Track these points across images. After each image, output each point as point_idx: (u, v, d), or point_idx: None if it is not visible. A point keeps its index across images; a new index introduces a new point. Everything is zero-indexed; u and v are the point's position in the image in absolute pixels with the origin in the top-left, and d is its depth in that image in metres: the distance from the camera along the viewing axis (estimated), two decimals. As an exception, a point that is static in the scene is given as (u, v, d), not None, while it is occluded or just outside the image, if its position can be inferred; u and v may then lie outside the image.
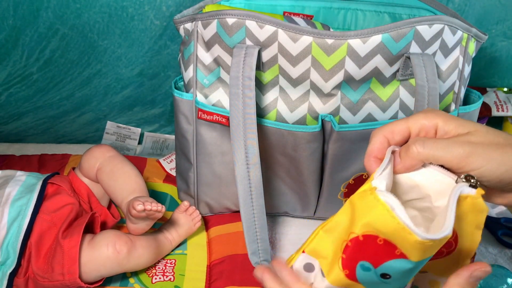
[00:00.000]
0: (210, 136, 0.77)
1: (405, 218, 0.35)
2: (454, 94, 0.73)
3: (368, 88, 0.70)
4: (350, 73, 0.67)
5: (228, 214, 0.86)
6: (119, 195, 0.77)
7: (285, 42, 0.66)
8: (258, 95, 0.72)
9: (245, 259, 0.75)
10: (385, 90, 0.71)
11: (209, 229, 0.84)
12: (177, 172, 0.86)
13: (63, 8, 0.82)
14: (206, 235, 0.83)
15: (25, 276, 0.69)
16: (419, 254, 0.36)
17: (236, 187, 0.69)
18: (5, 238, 0.68)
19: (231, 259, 0.77)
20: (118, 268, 0.70)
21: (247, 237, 0.72)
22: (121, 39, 0.87)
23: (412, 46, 0.66)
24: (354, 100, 0.71)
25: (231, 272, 0.75)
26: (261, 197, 0.70)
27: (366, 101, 0.71)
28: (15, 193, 0.73)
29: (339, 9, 0.81)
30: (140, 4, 0.83)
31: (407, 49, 0.66)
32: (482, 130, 0.42)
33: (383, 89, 0.71)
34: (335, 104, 0.70)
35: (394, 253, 0.36)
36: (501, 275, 0.70)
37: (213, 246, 0.80)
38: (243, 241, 0.72)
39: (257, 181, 0.69)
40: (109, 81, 0.94)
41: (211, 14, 0.68)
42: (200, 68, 0.73)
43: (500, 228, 0.87)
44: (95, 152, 0.81)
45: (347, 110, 0.71)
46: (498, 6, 0.88)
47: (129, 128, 1.04)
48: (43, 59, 0.88)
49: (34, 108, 0.97)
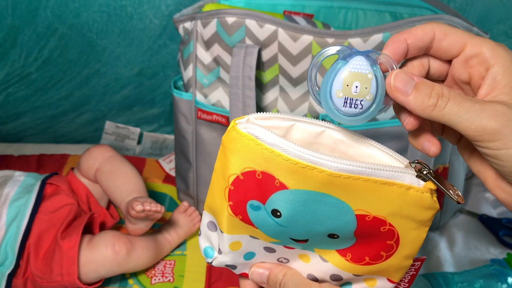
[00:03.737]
0: (210, 136, 0.76)
1: (272, 139, 0.33)
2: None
3: (369, 88, 0.70)
4: (350, 72, 0.67)
5: (228, 215, 0.85)
6: (118, 196, 0.76)
7: (285, 41, 0.66)
8: (258, 94, 0.72)
9: (245, 260, 0.75)
10: (386, 90, 0.70)
11: (209, 230, 0.83)
12: (177, 172, 0.86)
13: (61, 7, 0.82)
14: (206, 236, 0.83)
15: (24, 277, 0.68)
16: (294, 178, 0.33)
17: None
18: (4, 238, 0.68)
19: (231, 260, 0.77)
20: (117, 269, 0.70)
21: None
22: (120, 39, 0.87)
23: (413, 45, 0.66)
24: (355, 100, 0.70)
25: (231, 273, 0.74)
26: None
27: (367, 101, 0.70)
28: (14, 193, 0.73)
29: (340, 8, 0.81)
30: (139, 3, 0.83)
31: (408, 49, 0.66)
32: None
33: (384, 89, 0.70)
34: (336, 104, 0.70)
35: (274, 184, 0.34)
36: (501, 275, 0.70)
37: (213, 247, 0.80)
38: (243, 241, 0.72)
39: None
40: (108, 81, 0.94)
41: (210, 13, 0.68)
42: (199, 67, 0.73)
43: (502, 228, 0.87)
44: (94, 152, 0.81)
45: (347, 110, 0.70)
46: (500, 6, 0.88)
47: (128, 128, 1.04)
48: (42, 58, 0.88)
49: (33, 108, 0.96)
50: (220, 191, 0.36)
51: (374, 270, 0.38)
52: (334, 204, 0.34)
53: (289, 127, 0.37)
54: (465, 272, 0.72)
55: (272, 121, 0.36)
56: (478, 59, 0.35)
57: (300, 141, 0.36)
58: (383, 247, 0.37)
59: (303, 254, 0.40)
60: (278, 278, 0.41)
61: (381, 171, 0.34)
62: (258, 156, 0.34)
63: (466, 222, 0.89)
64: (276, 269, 0.41)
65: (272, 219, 0.35)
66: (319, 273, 0.40)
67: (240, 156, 0.34)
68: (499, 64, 0.34)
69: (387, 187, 0.34)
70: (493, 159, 0.33)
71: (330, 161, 0.33)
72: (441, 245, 0.84)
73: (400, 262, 0.38)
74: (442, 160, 0.77)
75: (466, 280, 0.70)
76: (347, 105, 0.34)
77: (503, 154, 0.32)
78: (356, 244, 0.37)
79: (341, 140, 0.37)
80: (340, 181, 0.33)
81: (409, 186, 0.34)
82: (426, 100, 0.33)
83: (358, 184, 0.34)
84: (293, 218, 0.35)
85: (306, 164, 0.33)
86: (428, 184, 0.35)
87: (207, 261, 0.41)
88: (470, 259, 0.82)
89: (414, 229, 0.36)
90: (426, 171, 0.35)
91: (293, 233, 0.36)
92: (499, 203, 0.94)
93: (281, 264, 0.41)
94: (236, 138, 0.34)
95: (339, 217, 0.35)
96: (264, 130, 0.33)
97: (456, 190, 0.35)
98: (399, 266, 0.38)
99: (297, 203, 0.34)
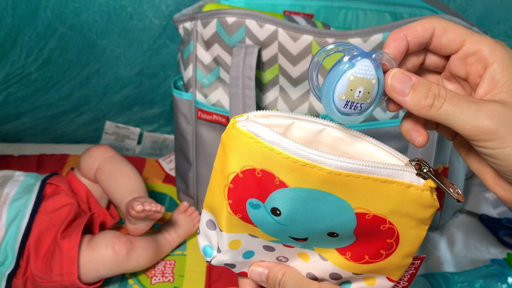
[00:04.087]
0: (210, 136, 0.76)
1: (272, 137, 0.33)
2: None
3: (369, 88, 0.70)
4: (350, 72, 0.67)
5: (228, 215, 0.85)
6: (118, 196, 0.76)
7: (285, 41, 0.66)
8: (258, 94, 0.72)
9: (245, 260, 0.75)
10: (386, 90, 0.70)
11: (209, 230, 0.83)
12: (177, 172, 0.86)
13: (61, 7, 0.82)
14: (206, 236, 0.83)
15: (24, 277, 0.68)
16: (293, 176, 0.33)
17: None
18: (4, 238, 0.68)
19: (231, 260, 0.77)
20: (117, 269, 0.70)
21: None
22: (120, 39, 0.87)
23: (413, 45, 0.66)
24: (355, 100, 0.70)
25: (231, 273, 0.74)
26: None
27: (367, 101, 0.70)
28: (14, 193, 0.73)
29: (340, 8, 0.81)
30: (139, 3, 0.83)
31: (408, 49, 0.66)
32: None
33: (384, 89, 0.70)
34: (336, 104, 0.70)
35: (274, 182, 0.34)
36: (501, 275, 0.70)
37: (213, 247, 0.80)
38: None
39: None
40: (108, 81, 0.94)
41: (210, 13, 0.68)
42: (199, 67, 0.73)
43: (502, 228, 0.87)
44: (94, 152, 0.81)
45: (347, 110, 0.70)
46: (500, 6, 0.88)
47: (128, 128, 1.04)
48: (42, 58, 0.88)
49: (33, 108, 0.96)
50: (220, 190, 0.36)
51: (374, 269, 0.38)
52: (334, 202, 0.34)
53: (288, 125, 0.37)
54: (465, 272, 0.72)
55: (272, 119, 0.36)
56: (476, 57, 0.34)
57: (299, 139, 0.36)
58: (383, 245, 0.37)
59: (303, 253, 0.40)
60: (278, 277, 0.41)
61: (381, 169, 0.34)
62: (258, 154, 0.34)
63: (466, 222, 0.89)
64: (276, 268, 0.41)
65: (272, 218, 0.35)
66: (319, 272, 0.40)
67: (240, 154, 0.34)
68: (498, 62, 0.34)
69: (387, 185, 0.34)
70: (490, 158, 0.33)
71: (330, 159, 0.33)
72: (441, 245, 0.84)
73: (399, 260, 0.38)
74: (442, 160, 0.77)
75: (466, 280, 0.70)
76: (347, 107, 0.34)
77: (499, 153, 0.32)
78: (355, 242, 0.37)
79: (341, 139, 0.37)
80: (340, 179, 0.33)
81: (409, 184, 0.34)
82: (423, 101, 0.33)
83: (358, 182, 0.34)
84: (292, 217, 0.35)
85: (306, 162, 0.33)
86: (428, 182, 0.35)
87: (206, 260, 0.41)
88: (470, 259, 0.82)
89: (414, 227, 0.36)
90: (426, 169, 0.35)
91: (293, 231, 0.36)
92: (499, 203, 0.94)
93: (280, 263, 0.41)
94: (236, 136, 0.34)
95: (339, 215, 0.35)
96: (263, 128, 0.33)
97: (456, 188, 0.35)
98: (399, 265, 0.38)
99: (296, 201, 0.34)
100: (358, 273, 0.39)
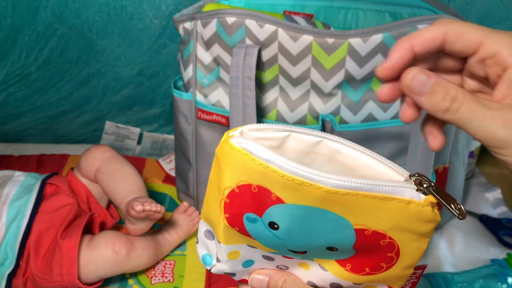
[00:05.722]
0: (210, 136, 0.76)
1: (266, 154, 0.32)
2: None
3: (369, 88, 0.70)
4: (350, 72, 0.67)
5: (228, 215, 0.85)
6: (118, 196, 0.76)
7: (285, 41, 0.66)
8: (258, 94, 0.72)
9: (245, 260, 0.75)
10: (386, 90, 0.70)
11: (209, 230, 0.83)
12: (177, 172, 0.86)
13: (61, 7, 0.82)
14: (206, 236, 0.83)
15: (24, 277, 0.68)
16: (290, 193, 0.32)
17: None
18: (4, 238, 0.68)
19: (231, 260, 0.77)
20: (117, 269, 0.70)
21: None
22: (120, 39, 0.87)
23: (413, 45, 0.66)
24: (355, 100, 0.70)
25: (231, 273, 0.75)
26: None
27: (367, 101, 0.70)
28: (14, 193, 0.73)
29: (340, 8, 0.81)
30: (139, 3, 0.83)
31: (408, 49, 0.66)
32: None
33: (384, 89, 0.70)
34: (336, 104, 0.70)
35: (271, 198, 0.33)
36: (501, 275, 0.70)
37: (213, 247, 0.80)
38: (243, 241, 0.72)
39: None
40: (108, 81, 0.94)
41: (210, 13, 0.68)
42: (199, 67, 0.73)
43: (502, 228, 0.87)
44: (94, 152, 0.81)
45: (347, 109, 0.70)
46: (500, 6, 0.88)
47: (128, 128, 1.04)
48: (42, 58, 0.88)
49: (33, 108, 0.96)
50: (216, 203, 0.36)
51: (375, 279, 0.38)
52: (333, 219, 0.34)
53: (285, 137, 0.36)
54: (465, 272, 0.72)
55: (267, 133, 0.35)
56: (494, 60, 0.34)
57: (296, 151, 0.36)
58: (383, 258, 0.36)
59: (303, 263, 0.40)
60: (278, 284, 0.40)
61: (380, 187, 0.33)
62: (253, 171, 0.33)
63: (466, 222, 0.89)
64: (276, 275, 0.40)
65: (270, 231, 0.35)
66: (319, 281, 0.40)
67: (235, 170, 0.34)
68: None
69: (387, 202, 0.33)
70: (506, 164, 0.33)
71: (327, 178, 0.32)
72: (441, 245, 0.84)
73: (400, 272, 0.37)
74: (442, 160, 0.77)
75: (466, 280, 0.70)
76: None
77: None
78: (355, 255, 0.37)
79: (338, 150, 0.37)
80: (337, 197, 0.33)
81: (409, 201, 0.34)
82: (440, 104, 0.33)
83: (357, 200, 0.33)
84: (290, 231, 0.34)
85: (302, 181, 0.32)
86: (429, 198, 0.34)
87: (206, 268, 0.41)
88: (470, 259, 0.82)
89: (415, 240, 0.35)
90: (427, 184, 0.34)
91: (291, 245, 0.36)
92: (499, 203, 0.94)
93: (281, 270, 0.41)
94: (230, 152, 0.33)
95: (338, 231, 0.34)
96: (257, 145, 0.33)
97: (458, 204, 0.34)
98: (400, 276, 0.38)
99: (294, 217, 0.34)
100: (359, 283, 0.39)
